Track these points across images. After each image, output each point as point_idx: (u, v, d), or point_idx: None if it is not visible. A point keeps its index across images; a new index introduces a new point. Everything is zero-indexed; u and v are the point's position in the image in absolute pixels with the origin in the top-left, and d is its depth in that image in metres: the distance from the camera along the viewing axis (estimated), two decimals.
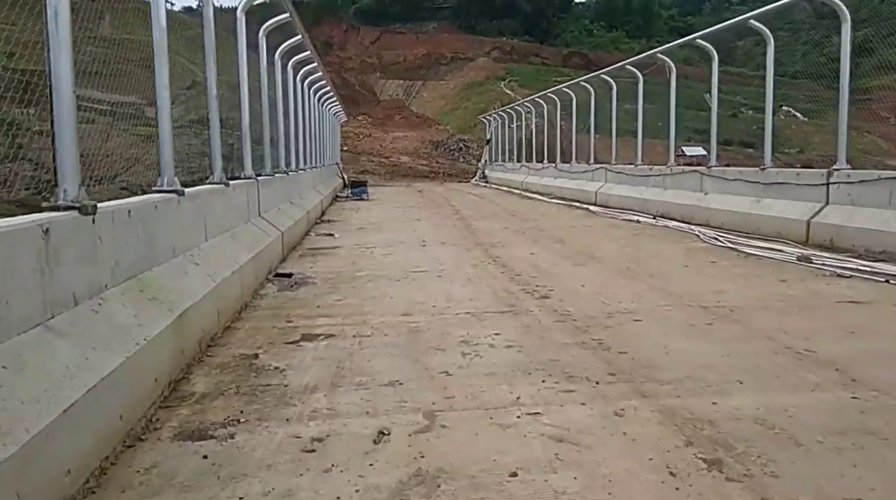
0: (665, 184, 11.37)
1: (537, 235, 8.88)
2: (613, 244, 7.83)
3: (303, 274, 6.00)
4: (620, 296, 4.85)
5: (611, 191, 13.63)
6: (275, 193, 7.87)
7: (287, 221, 7.63)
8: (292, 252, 7.41)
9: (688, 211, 10.16)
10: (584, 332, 3.87)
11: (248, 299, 4.87)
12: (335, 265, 6.52)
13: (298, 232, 8.41)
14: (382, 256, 7.14)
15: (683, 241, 8.08)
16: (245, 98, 6.58)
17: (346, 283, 5.59)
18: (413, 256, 7.12)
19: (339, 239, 8.72)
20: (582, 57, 64.41)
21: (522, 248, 7.60)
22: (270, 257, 6.07)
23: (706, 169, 10.08)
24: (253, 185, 6.50)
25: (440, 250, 7.52)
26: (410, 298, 4.94)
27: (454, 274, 5.93)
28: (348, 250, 7.66)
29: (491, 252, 7.26)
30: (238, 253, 4.94)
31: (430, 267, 6.32)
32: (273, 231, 6.60)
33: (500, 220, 11.13)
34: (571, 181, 16.60)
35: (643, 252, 7.18)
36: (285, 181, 9.03)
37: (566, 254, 7.08)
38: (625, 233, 9.02)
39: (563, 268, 6.20)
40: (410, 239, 8.58)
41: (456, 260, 6.76)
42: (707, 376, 3.06)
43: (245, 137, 6.61)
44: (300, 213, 9.07)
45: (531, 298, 4.86)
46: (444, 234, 9.17)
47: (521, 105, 22.99)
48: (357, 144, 39.83)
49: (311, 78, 13.08)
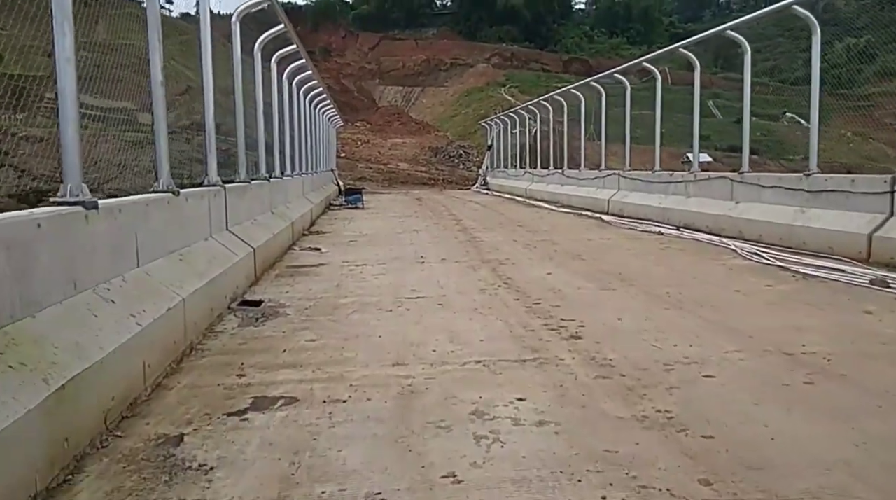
0: (688, 191, 10.33)
1: (550, 249, 7.83)
2: (641, 261, 6.77)
3: (275, 301, 4.94)
4: (671, 335, 3.79)
5: (625, 199, 12.59)
6: (250, 203, 6.83)
7: (263, 236, 6.58)
8: (268, 271, 6.35)
9: (716, 222, 9.11)
10: (642, 396, 2.81)
11: (196, 339, 3.81)
12: (316, 289, 5.46)
13: (278, 247, 7.36)
14: (373, 276, 6.09)
15: (720, 257, 7.03)
16: (210, 89, 5.54)
17: (325, 314, 4.53)
18: (409, 276, 6.07)
19: (325, 254, 7.67)
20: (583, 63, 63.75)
21: (536, 266, 6.55)
22: (235, 280, 5.01)
23: (738, 175, 9.04)
24: (218, 194, 5.45)
25: (441, 269, 6.47)
26: (404, 337, 3.88)
27: (458, 301, 4.87)
28: (334, 268, 6.61)
29: (500, 272, 6.21)
30: (185, 280, 3.88)
31: (428, 291, 5.27)
32: (242, 249, 5.54)
33: (506, 231, 10.09)
34: (580, 188, 15.57)
35: (679, 272, 6.13)
36: (266, 189, 7.99)
37: (589, 274, 6.03)
38: (650, 247, 7.97)
39: (589, 293, 5.14)
40: (407, 254, 7.53)
41: (459, 282, 5.71)
42: (855, 490, 1.99)
43: (209, 137, 5.57)
44: (282, 225, 8.02)
45: (558, 337, 3.80)
46: (445, 248, 8.12)
47: (524, 109, 22.00)
48: (355, 151, 38.97)
49: (300, 77, 12.07)
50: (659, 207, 10.98)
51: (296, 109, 11.99)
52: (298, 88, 12.65)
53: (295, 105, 12.00)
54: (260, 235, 6.49)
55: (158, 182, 4.27)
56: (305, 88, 13.39)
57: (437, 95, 62.54)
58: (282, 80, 10.55)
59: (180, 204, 4.36)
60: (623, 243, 8.37)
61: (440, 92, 62.95)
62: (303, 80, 12.69)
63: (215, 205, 5.33)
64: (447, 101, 60.31)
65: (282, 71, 10.49)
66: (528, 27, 73.55)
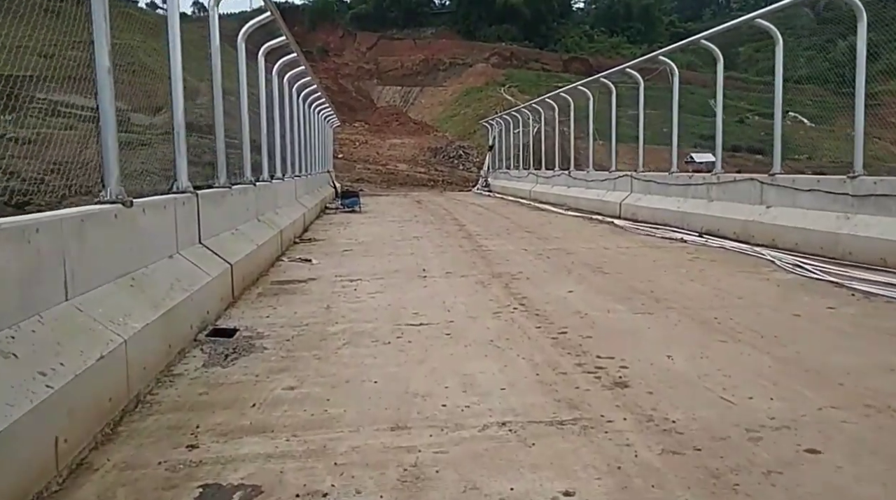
0: (711, 195, 9.57)
1: (566, 260, 7.06)
2: (672, 276, 6.01)
3: (252, 330, 4.17)
4: (741, 381, 3.03)
5: (639, 202, 11.83)
6: (231, 211, 6.06)
7: (244, 248, 5.80)
8: (250, 289, 5.58)
9: (745, 228, 8.36)
10: (734, 489, 2.04)
11: (145, 387, 3.04)
12: (302, 312, 4.69)
13: (263, 259, 6.59)
14: (369, 295, 5.31)
15: (759, 270, 6.27)
16: (178, 78, 4.77)
17: (310, 348, 3.76)
18: (410, 294, 5.30)
19: (317, 267, 6.90)
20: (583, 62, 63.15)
21: (553, 281, 5.79)
22: (205, 305, 4.24)
23: (768, 177, 8.28)
24: (188, 202, 4.68)
25: (446, 285, 5.70)
26: (405, 384, 3.11)
27: (469, 330, 4.11)
28: (326, 283, 5.84)
29: (514, 289, 5.44)
30: (133, 313, 3.11)
31: (433, 315, 4.50)
32: (216, 266, 4.77)
33: (514, 238, 9.32)
34: (588, 191, 14.81)
35: (719, 289, 5.36)
36: (251, 194, 7.21)
37: (616, 292, 5.26)
38: (677, 258, 7.21)
39: (623, 318, 4.38)
40: (407, 266, 6.76)
41: (469, 303, 4.94)
42: None
43: (178, 136, 4.79)
44: (269, 234, 7.25)
45: (599, 385, 3.03)
46: (450, 258, 7.36)
47: (527, 108, 21.24)
48: (353, 152, 38.28)
49: (293, 73, 11.30)
50: (678, 211, 10.23)
51: (287, 106, 11.22)
52: (291, 84, 11.89)
53: (286, 102, 11.23)
54: (240, 248, 5.72)
55: (105, 190, 3.50)
56: (299, 85, 12.62)
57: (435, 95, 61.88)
58: (271, 75, 9.79)
59: (134, 217, 3.58)
60: (645, 253, 7.61)
61: (439, 92, 62.28)
62: (296, 77, 11.92)
63: (184, 215, 4.56)
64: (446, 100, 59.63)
65: (270, 66, 9.73)
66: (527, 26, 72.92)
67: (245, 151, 7.43)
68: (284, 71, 10.86)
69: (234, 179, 7.28)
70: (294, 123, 12.55)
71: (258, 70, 8.57)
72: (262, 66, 8.60)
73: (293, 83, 12.17)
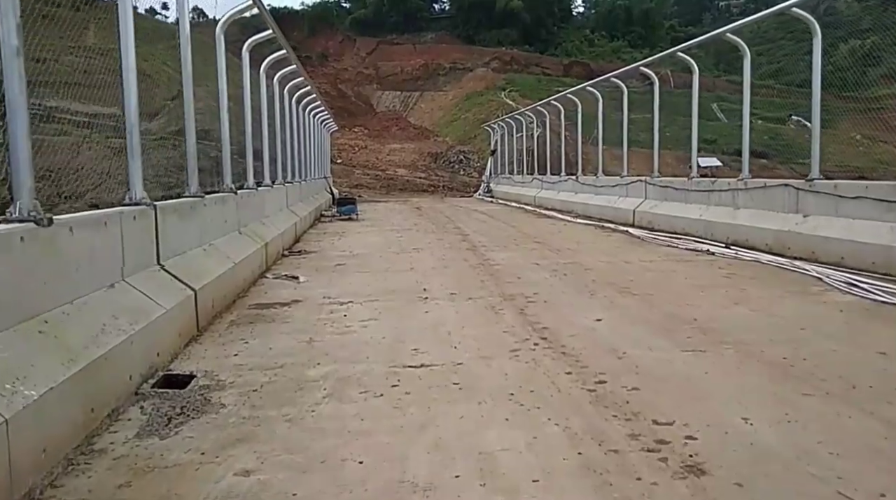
0: (737, 202, 8.77)
1: (585, 278, 6.26)
2: (711, 298, 5.20)
3: (212, 376, 3.36)
4: (858, 466, 2.22)
5: (655, 210, 11.03)
6: (202, 224, 5.26)
7: (216, 268, 5.00)
8: (222, 316, 4.77)
9: (778, 239, 7.56)
10: None
11: (49, 475, 2.23)
12: (279, 348, 3.88)
13: (242, 278, 5.78)
14: (361, 323, 4.50)
15: (808, 289, 5.46)
16: (130, 68, 3.97)
17: (280, 404, 2.95)
18: (409, 323, 4.49)
19: (304, 286, 6.10)
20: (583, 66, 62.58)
21: (576, 305, 4.98)
22: (153, 347, 3.42)
23: (805, 182, 7.48)
24: (142, 216, 3.88)
25: (451, 311, 4.89)
26: (401, 469, 2.29)
27: (482, 377, 3.30)
28: (311, 308, 5.03)
29: (531, 315, 4.63)
30: (31, 374, 2.30)
31: (436, 354, 3.69)
32: (174, 294, 3.97)
33: (523, 250, 8.52)
34: (598, 197, 14.02)
35: (771, 314, 4.55)
36: (231, 204, 6.42)
37: (654, 321, 4.45)
38: (710, 274, 6.40)
39: (672, 359, 3.56)
40: (405, 285, 5.96)
41: (479, 336, 4.13)
42: None
43: (131, 136, 3.99)
44: (251, 248, 6.45)
45: (668, 474, 2.21)
46: (454, 275, 6.55)
47: (531, 111, 20.47)
48: (352, 157, 37.62)
49: (283, 72, 10.54)
50: (699, 219, 9.42)
51: (277, 107, 10.44)
52: (282, 85, 11.12)
53: (276, 104, 10.45)
54: (212, 268, 4.92)
55: (14, 206, 2.70)
56: (291, 86, 11.85)
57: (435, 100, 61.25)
58: (259, 74, 9.02)
59: (52, 239, 2.78)
60: (673, 268, 6.80)
61: (439, 96, 61.66)
62: (287, 77, 11.16)
63: (136, 232, 3.76)
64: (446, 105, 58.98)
65: (258, 64, 8.96)
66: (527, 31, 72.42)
67: (225, 156, 6.64)
68: (274, 70, 10.10)
69: (216, 186, 6.52)
70: (286, 126, 11.77)
71: (243, 68, 7.80)
72: (246, 62, 7.83)
73: (284, 84, 11.41)
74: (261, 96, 9.04)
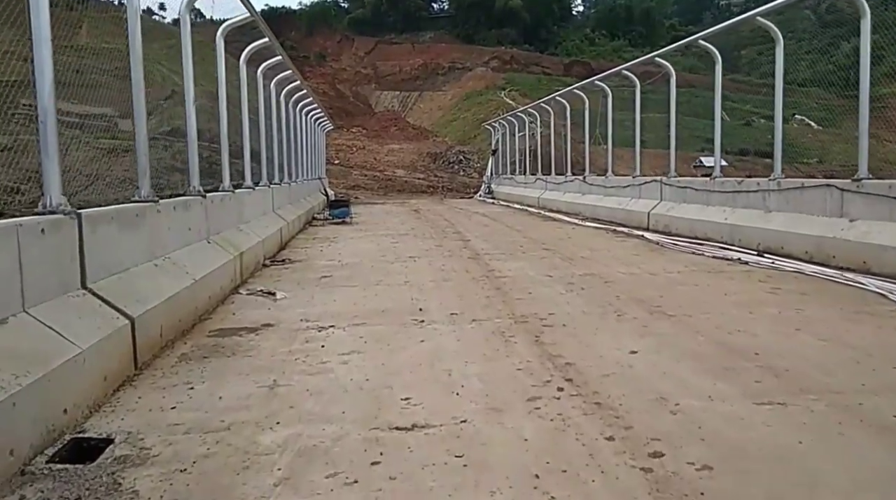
0: (768, 204, 7.92)
1: (607, 293, 5.40)
2: (764, 321, 4.34)
3: (134, 443, 2.51)
4: None
5: (672, 212, 10.18)
6: (153, 234, 4.40)
7: (168, 287, 4.14)
8: (173, 346, 3.91)
9: (819, 246, 6.72)
10: None
11: None
12: (231, 398, 3.03)
13: (206, 297, 4.92)
14: (340, 357, 3.65)
15: (877, 310, 4.60)
16: (43, 41, 3.12)
17: (213, 494, 2.10)
18: (400, 358, 3.63)
19: (281, 304, 5.24)
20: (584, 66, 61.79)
21: (603, 332, 4.12)
22: (56, 404, 2.55)
23: (850, 183, 6.64)
24: (55, 229, 3.02)
25: (451, 339, 4.03)
26: None
27: (494, 446, 2.44)
28: (283, 336, 4.17)
29: (549, 346, 3.78)
30: None
31: (433, 408, 2.84)
32: (99, 326, 3.11)
33: (532, 258, 7.66)
34: (607, 198, 13.17)
35: (848, 346, 3.69)
36: (197, 209, 5.56)
37: (705, 356, 3.59)
38: (750, 289, 5.54)
39: (745, 418, 2.70)
40: (398, 304, 5.10)
41: (487, 377, 3.27)
42: None
43: (45, 128, 3.14)
44: (220, 259, 5.59)
45: None
46: (455, 290, 5.70)
47: (535, 108, 19.62)
48: (350, 157, 36.83)
49: (268, 64, 9.69)
50: (724, 223, 8.57)
51: (262, 103, 9.58)
52: (268, 78, 10.28)
53: (261, 99, 9.59)
54: (162, 288, 4.06)
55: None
56: (279, 80, 11.00)
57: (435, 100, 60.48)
58: (240, 65, 8.18)
59: None
60: (705, 281, 5.94)
61: (438, 96, 60.89)
62: (273, 70, 10.32)
63: (45, 248, 2.91)
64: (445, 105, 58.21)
65: (237, 53, 8.13)
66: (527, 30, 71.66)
67: (191, 154, 5.78)
68: (257, 61, 9.26)
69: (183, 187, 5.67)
70: (273, 123, 10.92)
71: (217, 55, 6.95)
72: (220, 48, 6.96)
73: (271, 77, 10.57)
74: (241, 88, 8.20)
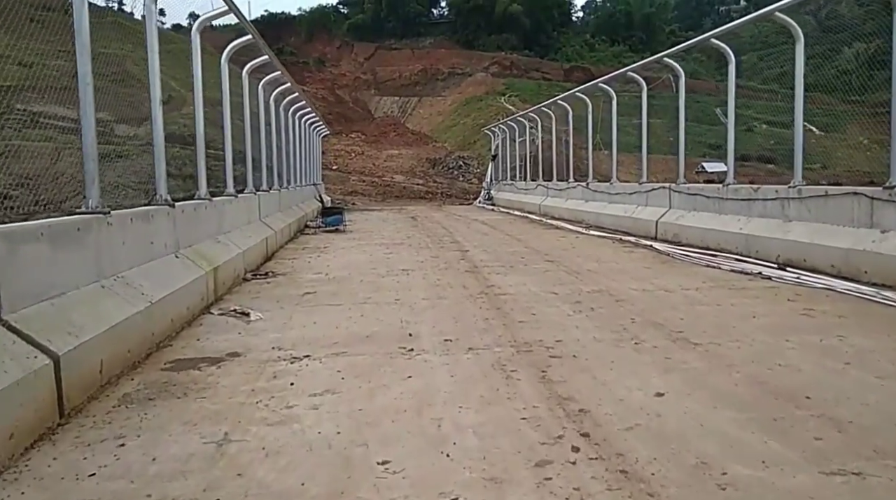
0: (787, 213, 7.35)
1: (621, 315, 4.82)
2: (808, 353, 3.75)
3: None
4: None
5: (682, 221, 9.61)
6: (103, 252, 3.82)
7: (112, 314, 3.55)
8: (117, 384, 3.33)
9: (847, 259, 6.14)
10: None
11: None
12: (166, 461, 2.44)
13: (166, 321, 4.32)
14: (310, 402, 3.06)
15: None
16: None
17: None
18: (380, 403, 3.04)
19: (253, 326, 4.66)
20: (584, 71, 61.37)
21: (621, 366, 3.54)
22: None
23: (881, 190, 6.07)
24: None
25: (443, 376, 3.45)
26: None
27: None
28: (248, 370, 3.58)
29: (559, 385, 3.19)
30: None
31: (416, 476, 2.25)
32: (9, 370, 2.53)
33: (534, 272, 7.08)
34: (612, 206, 12.60)
35: None
36: (161, 220, 4.99)
37: (748, 403, 3.01)
38: (783, 311, 4.95)
39: (812, 496, 2.13)
40: (386, 328, 4.52)
41: (485, 430, 2.68)
42: None
43: None
44: (188, 276, 5.01)
45: None
46: (449, 311, 5.11)
47: (536, 112, 19.08)
48: (348, 163, 36.35)
49: (253, 64, 9.14)
50: (739, 233, 8.00)
51: (247, 104, 9.02)
52: (256, 79, 9.75)
53: (246, 100, 9.04)
54: (106, 314, 3.48)
55: None
56: (267, 81, 10.45)
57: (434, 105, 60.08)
58: (220, 63, 7.63)
59: None
60: (729, 300, 5.34)
61: (438, 102, 60.49)
62: (260, 71, 9.79)
63: None
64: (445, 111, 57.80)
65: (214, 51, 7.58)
66: (527, 35, 71.30)
67: (158, 159, 5.20)
68: (243, 61, 8.72)
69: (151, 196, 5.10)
70: (261, 126, 10.37)
71: (192, 46, 6.39)
72: (196, 44, 6.41)
73: (259, 79, 10.03)
74: (222, 88, 7.64)
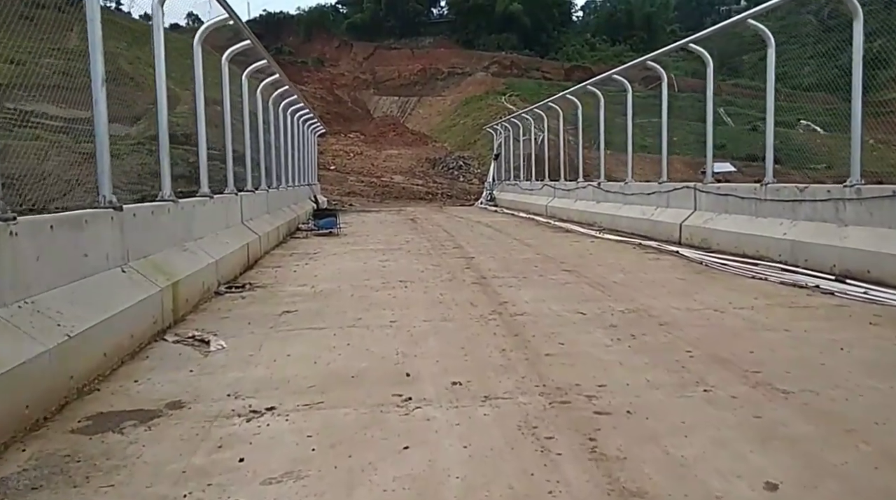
0: (842, 216, 6.40)
1: (674, 347, 3.87)
2: None
3: None
4: None
5: (711, 224, 8.66)
6: (5, 272, 2.88)
7: (8, 357, 2.61)
8: (2, 458, 2.39)
9: None
10: None
11: None
12: None
13: (92, 360, 3.35)
14: (261, 496, 2.11)
15: None
16: None
17: None
18: (365, 498, 2.10)
19: (207, 364, 3.70)
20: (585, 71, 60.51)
21: (698, 433, 2.59)
22: None
23: None
24: None
25: (453, 448, 2.48)
26: None
27: None
28: (185, 437, 2.63)
29: (617, 465, 2.24)
30: None
31: None
32: None
33: (552, 284, 6.12)
34: (627, 207, 11.65)
35: None
36: (101, 228, 4.03)
37: None
38: (875, 342, 3.99)
39: None
40: (376, 364, 3.56)
41: None
42: None
43: None
44: (133, 297, 4.04)
45: None
46: (456, 338, 4.15)
47: (541, 108, 18.14)
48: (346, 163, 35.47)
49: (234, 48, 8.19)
50: (783, 238, 7.05)
51: (226, 94, 8.06)
52: (240, 68, 8.82)
53: (226, 92, 8.08)
54: None
55: None
56: (252, 72, 9.51)
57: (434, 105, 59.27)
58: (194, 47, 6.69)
59: None
60: (800, 325, 4.38)
61: (437, 101, 59.68)
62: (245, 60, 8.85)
63: None
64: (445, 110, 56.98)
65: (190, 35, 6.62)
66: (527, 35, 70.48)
67: (100, 154, 4.24)
68: (220, 45, 7.78)
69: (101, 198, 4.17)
70: (245, 121, 9.43)
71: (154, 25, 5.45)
72: (158, 20, 5.45)
73: (243, 68, 9.10)
74: (195, 78, 6.70)
